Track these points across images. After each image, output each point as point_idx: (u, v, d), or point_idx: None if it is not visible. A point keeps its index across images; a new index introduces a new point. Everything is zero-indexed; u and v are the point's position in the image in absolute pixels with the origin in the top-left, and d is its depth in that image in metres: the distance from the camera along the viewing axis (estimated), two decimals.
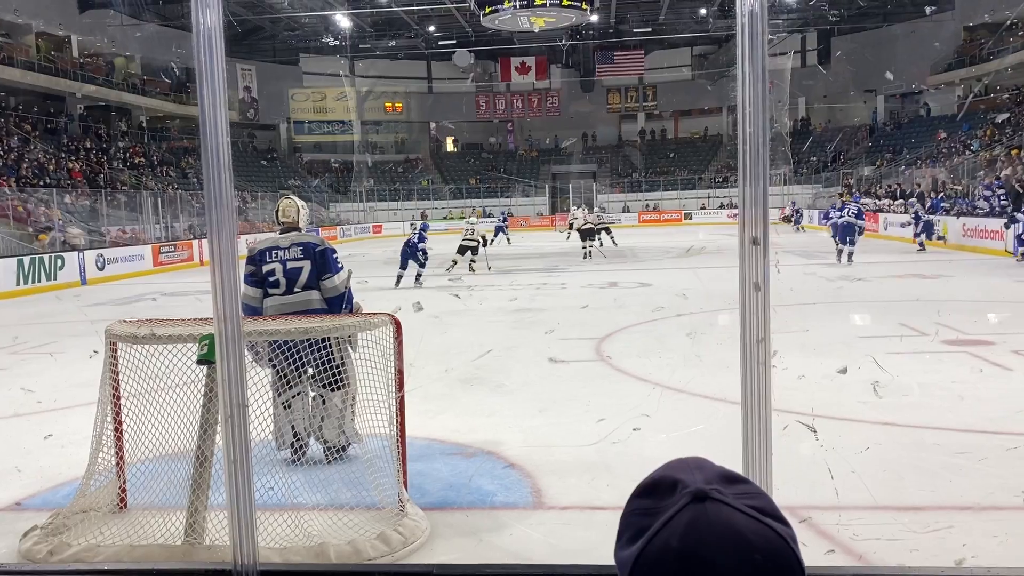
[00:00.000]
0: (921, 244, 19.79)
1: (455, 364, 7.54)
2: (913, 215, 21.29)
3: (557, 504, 4.16)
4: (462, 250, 17.73)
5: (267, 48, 43.21)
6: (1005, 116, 31.56)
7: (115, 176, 30.35)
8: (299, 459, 4.49)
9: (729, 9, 37.25)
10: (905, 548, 3.48)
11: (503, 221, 30.11)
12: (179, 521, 3.68)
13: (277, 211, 5.14)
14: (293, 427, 4.59)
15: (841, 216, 17.15)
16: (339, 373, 4.44)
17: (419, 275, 15.24)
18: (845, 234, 16.81)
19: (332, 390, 4.48)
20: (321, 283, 4.87)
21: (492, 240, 25.22)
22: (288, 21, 38.99)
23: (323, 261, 4.88)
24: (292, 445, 4.56)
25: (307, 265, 4.84)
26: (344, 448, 4.56)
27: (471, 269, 17.93)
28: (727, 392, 6.08)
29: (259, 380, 4.01)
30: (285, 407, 4.57)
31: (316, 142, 48.94)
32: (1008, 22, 30.78)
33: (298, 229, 5.06)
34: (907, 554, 3.43)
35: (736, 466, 1.00)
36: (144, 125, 37.88)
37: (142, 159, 34.12)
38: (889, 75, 33.24)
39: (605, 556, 2.89)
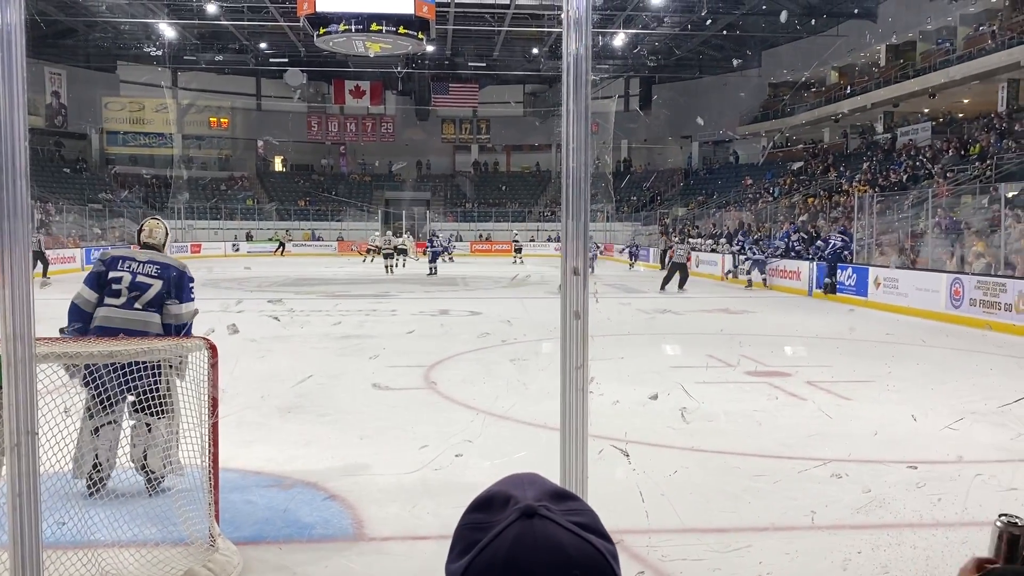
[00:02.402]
0: (750, 282, 21.29)
1: (274, 391, 7.27)
2: (738, 249, 22.97)
3: (378, 535, 4.09)
4: (387, 256, 26.26)
5: (80, 52, 40.27)
6: (799, 164, 34.66)
7: None
8: (96, 491, 4.13)
9: (559, 48, 38.80)
10: (708, 568, 3.69)
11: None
12: None
13: (140, 231, 4.85)
14: (96, 456, 4.23)
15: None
16: (165, 399, 4.16)
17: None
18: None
19: (158, 416, 4.19)
20: (167, 306, 4.58)
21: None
22: (105, 25, 36.61)
23: (178, 286, 4.62)
24: (90, 475, 4.19)
25: (158, 285, 4.56)
26: (163, 478, 4.28)
27: (390, 271, 25.56)
28: (548, 419, 6.24)
29: (53, 406, 3.67)
30: (93, 432, 4.22)
31: (131, 154, 46.02)
32: (803, 79, 33.97)
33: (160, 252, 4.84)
34: (709, 573, 3.64)
35: None
36: None
37: None
38: (700, 120, 35.76)
39: None
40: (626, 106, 46.42)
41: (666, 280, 19.88)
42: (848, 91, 32.57)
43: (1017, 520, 1.15)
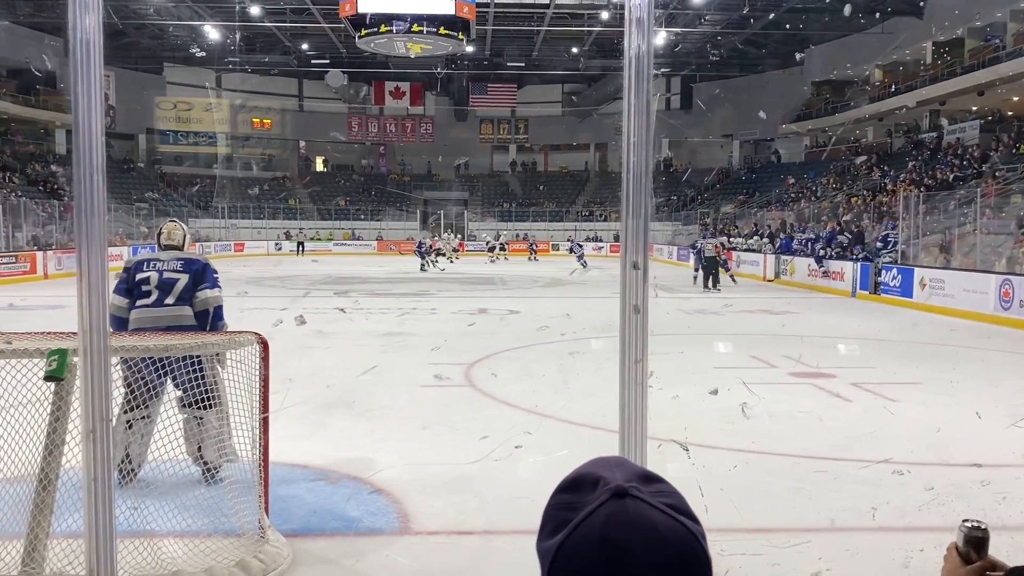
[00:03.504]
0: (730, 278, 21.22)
1: (320, 387, 7.36)
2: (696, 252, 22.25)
3: (424, 529, 4.13)
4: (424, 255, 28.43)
5: (129, 55, 41.07)
6: (863, 158, 33.81)
7: None
8: (124, 484, 4.17)
9: (617, 45, 38.65)
10: (767, 563, 3.67)
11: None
12: (14, 550, 3.40)
13: (160, 234, 5.08)
14: (127, 449, 4.32)
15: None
16: (212, 391, 4.26)
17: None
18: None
19: (206, 408, 4.29)
20: (195, 295, 4.75)
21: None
22: (153, 28, 37.33)
23: (202, 274, 4.80)
24: (120, 468, 4.25)
25: (184, 278, 4.74)
26: (220, 468, 4.38)
27: (428, 268, 27.88)
28: (590, 418, 6.25)
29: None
30: (127, 426, 4.33)
31: (177, 154, 46.86)
32: (847, 78, 33.37)
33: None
34: (768, 568, 3.62)
35: None
36: None
37: None
38: (762, 114, 35.09)
39: None
40: (667, 105, 46.11)
41: (705, 279, 19.89)
42: (893, 89, 31.97)
43: (980, 524, 1.22)
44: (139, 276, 4.72)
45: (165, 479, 4.39)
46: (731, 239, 29.64)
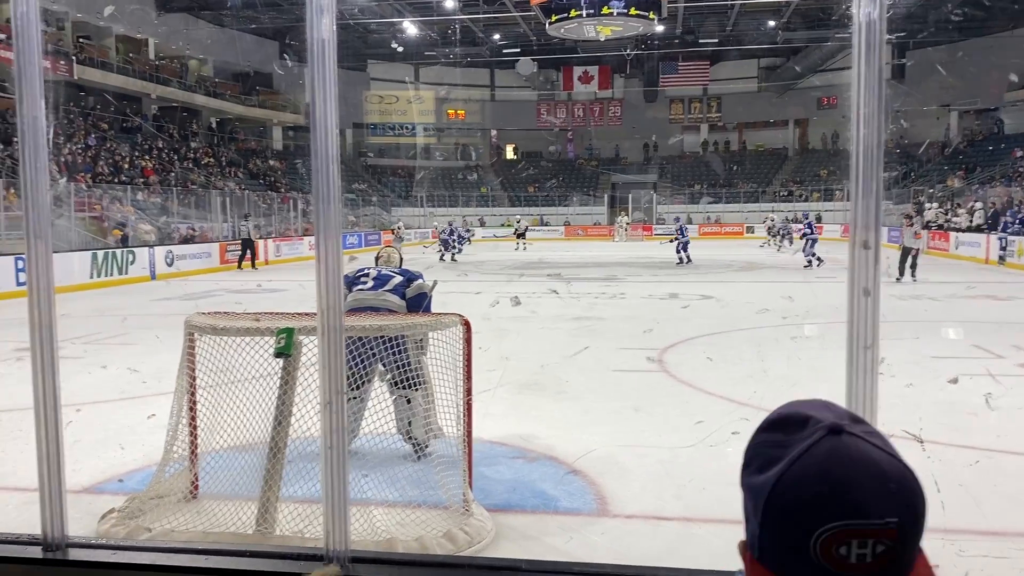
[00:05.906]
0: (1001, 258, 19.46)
1: (515, 369, 7.54)
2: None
3: (622, 512, 4.14)
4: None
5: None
6: None
7: (185, 175, 31.22)
8: None
9: (819, 14, 36.70)
10: (1013, 567, 3.37)
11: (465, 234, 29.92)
12: (249, 511, 3.75)
13: (379, 258, 5.66)
14: None
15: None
16: (417, 373, 4.52)
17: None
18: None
19: (415, 389, 4.56)
20: (409, 286, 5.14)
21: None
22: (358, 28, 39.63)
23: (416, 275, 5.27)
24: None
25: (399, 278, 5.19)
26: (427, 445, 4.64)
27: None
28: None
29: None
30: None
31: (380, 147, 49.54)
32: None
33: None
34: (1015, 573, 3.33)
35: None
36: (214, 126, 38.87)
37: (211, 159, 35.04)
38: (1013, 77, 31.82)
39: (672, 565, 2.83)
40: None
41: (901, 265, 16.96)
42: None
43: None
44: (359, 273, 5.22)
45: (376, 452, 4.69)
46: (948, 219, 27.24)
